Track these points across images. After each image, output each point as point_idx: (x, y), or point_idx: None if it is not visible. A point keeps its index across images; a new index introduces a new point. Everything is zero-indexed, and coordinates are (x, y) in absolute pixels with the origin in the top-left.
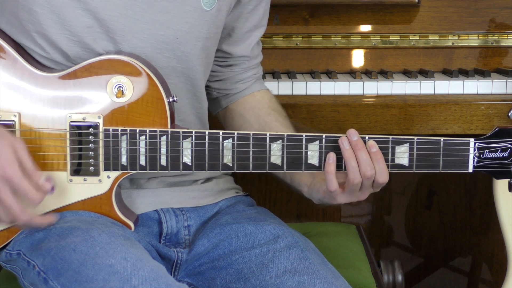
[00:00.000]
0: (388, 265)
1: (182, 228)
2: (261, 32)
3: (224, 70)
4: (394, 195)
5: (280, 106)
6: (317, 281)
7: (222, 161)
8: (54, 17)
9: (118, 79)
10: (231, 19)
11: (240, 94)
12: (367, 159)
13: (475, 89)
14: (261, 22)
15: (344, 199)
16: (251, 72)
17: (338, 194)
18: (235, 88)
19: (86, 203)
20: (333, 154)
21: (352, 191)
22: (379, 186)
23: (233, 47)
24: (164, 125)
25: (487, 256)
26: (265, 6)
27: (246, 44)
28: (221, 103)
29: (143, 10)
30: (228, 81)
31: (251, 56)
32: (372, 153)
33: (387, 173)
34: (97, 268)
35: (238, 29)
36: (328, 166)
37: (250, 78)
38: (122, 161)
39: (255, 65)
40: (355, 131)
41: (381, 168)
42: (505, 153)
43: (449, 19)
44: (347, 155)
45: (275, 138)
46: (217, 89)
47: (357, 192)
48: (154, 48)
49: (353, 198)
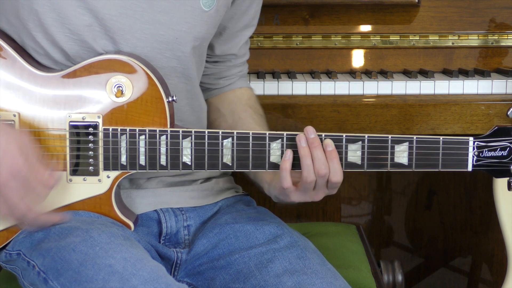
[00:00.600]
0: (388, 265)
1: (181, 228)
2: (250, 31)
3: (209, 66)
4: (394, 195)
5: (258, 105)
6: (317, 281)
7: (222, 161)
8: (55, 15)
9: (118, 79)
10: (224, 18)
11: (221, 90)
12: (322, 158)
13: (475, 89)
14: (252, 22)
15: (297, 198)
16: (236, 70)
17: (291, 191)
18: (218, 84)
19: (85, 203)
20: (291, 152)
21: (306, 190)
22: (334, 187)
23: (222, 45)
24: (163, 125)
25: (487, 256)
26: (256, 6)
27: (234, 42)
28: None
29: (143, 10)
30: (212, 76)
31: (238, 55)
32: (327, 152)
33: (341, 172)
34: (97, 268)
35: (230, 29)
36: (283, 163)
37: (234, 76)
38: (121, 160)
39: (241, 63)
40: (313, 128)
41: (335, 168)
42: (504, 151)
43: (449, 19)
44: (303, 153)
45: (274, 137)
46: (200, 82)
47: (311, 191)
48: (154, 48)
49: (307, 198)
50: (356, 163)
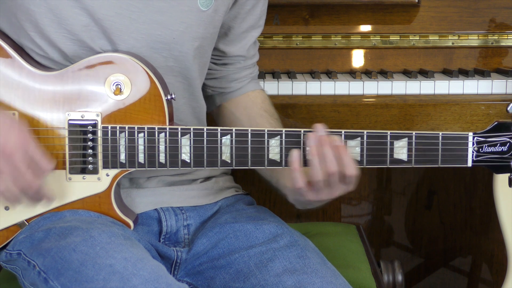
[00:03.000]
0: (388, 265)
1: (181, 227)
2: (258, 32)
3: (219, 69)
4: (394, 195)
5: (273, 108)
6: (317, 280)
7: (221, 158)
8: (51, 16)
9: (116, 77)
10: (228, 18)
11: (234, 93)
12: (331, 155)
13: (475, 89)
14: (258, 22)
15: (313, 197)
16: (246, 72)
17: (306, 191)
18: (230, 87)
19: (85, 201)
20: (298, 152)
21: (319, 188)
22: (350, 182)
23: (229, 46)
24: (162, 123)
25: (487, 256)
26: (262, 6)
27: (242, 44)
28: (215, 101)
29: (140, 10)
30: (223, 80)
31: (247, 56)
32: (337, 147)
33: (354, 165)
34: (97, 268)
35: (235, 29)
36: (292, 164)
37: (245, 78)
38: (120, 158)
39: (251, 65)
40: (322, 126)
41: (347, 161)
42: (504, 147)
43: (449, 19)
44: (310, 151)
45: (273, 134)
46: (212, 87)
47: (325, 189)
48: (150, 48)
49: (322, 196)
50: (356, 159)
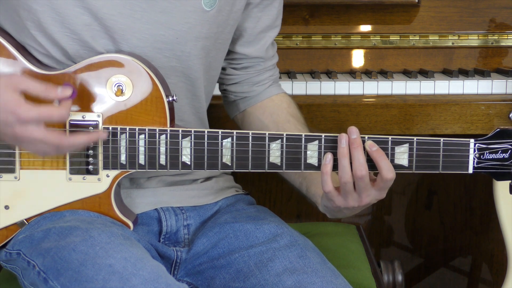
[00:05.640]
0: (388, 265)
1: (181, 227)
2: (275, 32)
3: (240, 73)
4: (394, 195)
5: (299, 112)
6: (317, 279)
7: (221, 161)
8: (54, 14)
9: (118, 78)
10: (241, 19)
11: (258, 98)
12: (361, 159)
13: (475, 89)
14: (275, 22)
15: (341, 202)
16: (267, 74)
17: (334, 195)
18: (253, 91)
19: (85, 202)
20: (331, 155)
21: (346, 193)
22: (386, 187)
23: (247, 48)
24: (163, 124)
25: (487, 256)
26: (278, 6)
27: (260, 45)
28: (239, 106)
29: (143, 10)
30: (245, 84)
31: (266, 58)
32: (374, 152)
33: (392, 169)
34: (97, 268)
35: (250, 29)
36: (324, 167)
37: (266, 80)
38: (121, 159)
39: (271, 67)
40: (356, 129)
41: (385, 164)
42: (505, 154)
43: (449, 19)
44: (341, 153)
45: (274, 138)
46: (234, 92)
47: (353, 194)
48: (154, 48)
49: (350, 202)
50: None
